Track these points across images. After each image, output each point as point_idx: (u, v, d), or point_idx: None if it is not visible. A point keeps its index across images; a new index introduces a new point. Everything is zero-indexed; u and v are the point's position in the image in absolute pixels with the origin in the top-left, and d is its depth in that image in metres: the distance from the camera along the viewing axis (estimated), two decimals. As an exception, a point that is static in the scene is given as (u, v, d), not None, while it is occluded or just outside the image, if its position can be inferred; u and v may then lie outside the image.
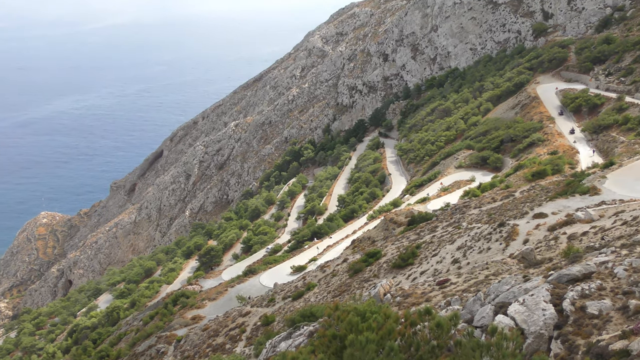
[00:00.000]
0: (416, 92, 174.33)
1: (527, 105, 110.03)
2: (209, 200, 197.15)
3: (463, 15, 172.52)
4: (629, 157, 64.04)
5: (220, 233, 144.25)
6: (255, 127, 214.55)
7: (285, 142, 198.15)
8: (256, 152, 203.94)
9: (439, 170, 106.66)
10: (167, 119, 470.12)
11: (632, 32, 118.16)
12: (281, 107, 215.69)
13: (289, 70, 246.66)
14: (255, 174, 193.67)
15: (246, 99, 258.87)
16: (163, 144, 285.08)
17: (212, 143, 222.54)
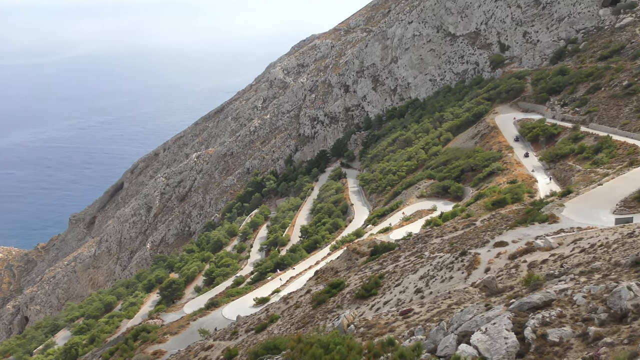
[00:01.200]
0: (377, 123, 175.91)
1: (486, 135, 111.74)
2: (171, 232, 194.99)
3: (422, 47, 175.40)
4: (585, 185, 65.29)
5: (182, 266, 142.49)
6: (217, 158, 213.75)
7: (248, 173, 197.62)
8: (218, 184, 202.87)
9: (401, 200, 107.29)
10: (128, 150, 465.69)
11: (585, 64, 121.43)
12: (243, 138, 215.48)
13: (250, 101, 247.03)
14: (218, 205, 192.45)
15: (208, 130, 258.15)
16: (123, 176, 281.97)
17: (174, 175, 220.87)
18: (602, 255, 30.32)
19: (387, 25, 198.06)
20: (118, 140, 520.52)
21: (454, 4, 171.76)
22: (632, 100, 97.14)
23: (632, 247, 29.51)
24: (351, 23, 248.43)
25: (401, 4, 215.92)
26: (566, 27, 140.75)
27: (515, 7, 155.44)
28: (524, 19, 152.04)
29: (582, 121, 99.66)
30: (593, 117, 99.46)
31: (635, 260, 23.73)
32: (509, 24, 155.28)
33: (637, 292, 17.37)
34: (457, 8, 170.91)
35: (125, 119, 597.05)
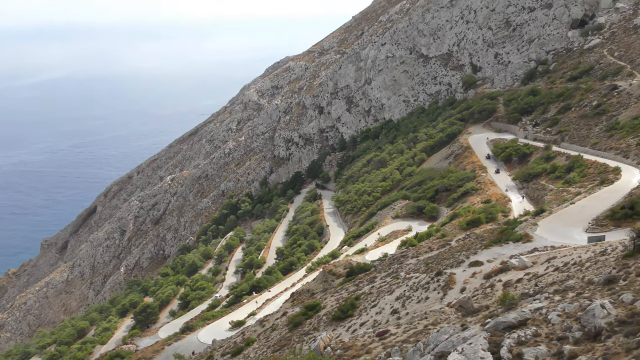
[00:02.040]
0: (352, 144, 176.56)
1: (460, 155, 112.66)
2: (145, 256, 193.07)
3: (396, 68, 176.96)
4: (558, 204, 65.94)
5: (157, 289, 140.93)
6: (192, 180, 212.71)
7: (222, 196, 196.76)
8: (193, 206, 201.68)
9: (376, 221, 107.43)
10: (101, 174, 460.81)
11: (555, 84, 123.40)
12: (218, 160, 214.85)
13: (225, 123, 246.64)
14: (192, 228, 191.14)
15: (182, 153, 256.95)
16: (97, 200, 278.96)
17: (148, 198, 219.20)
18: (575, 273, 30.59)
19: (360, 47, 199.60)
20: (90, 163, 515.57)
21: (426, 26, 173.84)
22: (601, 120, 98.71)
23: (604, 265, 29.80)
24: (325, 45, 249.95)
25: (374, 26, 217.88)
26: (536, 49, 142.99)
27: (486, 29, 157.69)
28: (495, 40, 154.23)
29: (553, 141, 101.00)
30: (564, 136, 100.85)
31: (608, 278, 23.95)
32: (480, 45, 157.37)
33: (611, 310, 17.51)
34: (429, 30, 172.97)
35: (97, 142, 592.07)
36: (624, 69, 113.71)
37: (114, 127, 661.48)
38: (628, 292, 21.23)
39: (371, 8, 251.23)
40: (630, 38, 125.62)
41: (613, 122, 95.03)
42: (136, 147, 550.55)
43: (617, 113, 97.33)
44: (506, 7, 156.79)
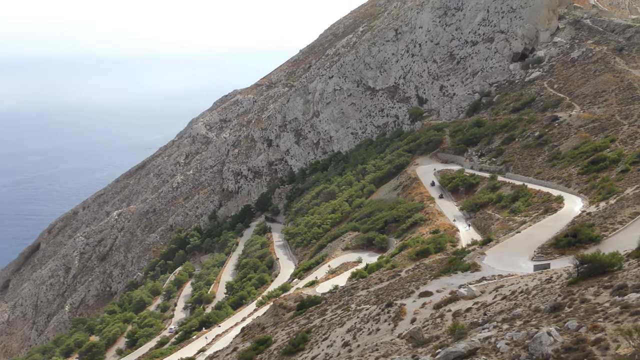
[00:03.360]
0: (301, 176, 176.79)
1: (408, 186, 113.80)
2: (91, 293, 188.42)
3: (343, 101, 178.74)
4: (504, 233, 67.01)
5: (103, 328, 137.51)
6: (139, 215, 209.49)
7: (171, 230, 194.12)
8: (140, 242, 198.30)
9: (327, 253, 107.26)
10: (44, 210, 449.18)
11: (499, 115, 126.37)
12: (166, 194, 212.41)
13: (173, 157, 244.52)
14: (140, 264, 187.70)
15: (129, 188, 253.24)
16: (40, 237, 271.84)
17: (94, 233, 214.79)
18: (522, 301, 30.97)
19: (308, 80, 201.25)
20: (32, 200, 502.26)
21: (372, 59, 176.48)
22: (544, 150, 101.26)
23: (550, 293, 30.27)
24: (273, 78, 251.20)
25: (321, 59, 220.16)
26: (480, 81, 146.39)
27: (431, 62, 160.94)
28: (440, 73, 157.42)
29: (498, 171, 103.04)
30: (509, 166, 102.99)
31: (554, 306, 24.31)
32: (426, 78, 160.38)
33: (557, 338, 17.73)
34: (375, 63, 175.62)
35: (41, 178, 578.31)
36: (563, 100, 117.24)
37: (59, 162, 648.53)
38: (573, 319, 21.59)
39: (318, 42, 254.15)
40: (568, 71, 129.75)
41: (555, 152, 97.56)
42: (82, 182, 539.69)
43: (558, 143, 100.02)
44: (450, 41, 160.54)
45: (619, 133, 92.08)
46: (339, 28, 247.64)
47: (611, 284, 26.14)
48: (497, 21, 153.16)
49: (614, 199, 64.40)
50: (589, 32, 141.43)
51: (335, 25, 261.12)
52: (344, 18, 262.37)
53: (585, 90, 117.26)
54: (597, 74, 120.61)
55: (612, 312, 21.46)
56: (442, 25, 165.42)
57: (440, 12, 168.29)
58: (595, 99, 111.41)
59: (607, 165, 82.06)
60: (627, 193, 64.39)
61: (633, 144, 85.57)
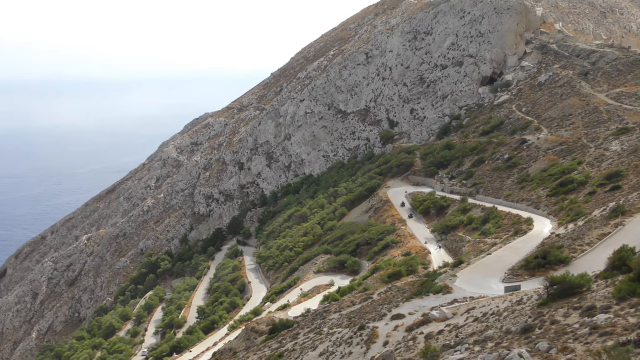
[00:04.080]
0: (273, 199, 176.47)
1: (379, 208, 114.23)
2: (59, 319, 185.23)
3: (315, 124, 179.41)
4: (475, 255, 67.43)
5: (71, 354, 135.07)
6: (109, 239, 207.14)
7: (141, 254, 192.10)
8: (110, 266, 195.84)
9: (299, 276, 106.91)
10: (12, 235, 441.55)
11: (469, 138, 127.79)
12: (136, 218, 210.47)
13: (143, 180, 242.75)
14: (110, 288, 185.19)
15: (99, 211, 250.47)
16: (7, 262, 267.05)
17: (62, 258, 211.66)
18: (494, 323, 31.16)
19: (279, 103, 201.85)
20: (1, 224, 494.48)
21: (343, 82, 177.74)
22: (513, 172, 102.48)
23: (521, 314, 30.51)
24: (244, 101, 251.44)
25: (293, 82, 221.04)
26: (450, 104, 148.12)
27: (401, 86, 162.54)
28: (411, 96, 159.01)
29: (469, 193, 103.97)
30: (479, 189, 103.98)
31: (525, 327, 24.51)
32: (396, 101, 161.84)
33: (528, 359, 17.88)
34: (346, 86, 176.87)
35: (8, 202, 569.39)
36: (531, 123, 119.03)
37: (26, 186, 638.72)
38: (543, 340, 21.79)
39: (289, 65, 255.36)
40: (535, 94, 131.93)
41: (524, 174, 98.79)
42: (50, 206, 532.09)
43: (527, 166, 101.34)
44: (420, 65, 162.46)
45: (586, 155, 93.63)
46: (310, 51, 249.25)
47: (580, 305, 26.46)
48: (466, 45, 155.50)
49: (582, 221, 65.27)
50: (555, 57, 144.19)
51: (306, 48, 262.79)
52: (315, 42, 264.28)
53: (553, 114, 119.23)
54: (563, 97, 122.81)
55: (582, 333, 21.71)
56: (412, 49, 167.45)
57: (410, 36, 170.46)
58: (562, 122, 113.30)
59: (574, 187, 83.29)
60: (595, 215, 65.32)
61: (599, 167, 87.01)
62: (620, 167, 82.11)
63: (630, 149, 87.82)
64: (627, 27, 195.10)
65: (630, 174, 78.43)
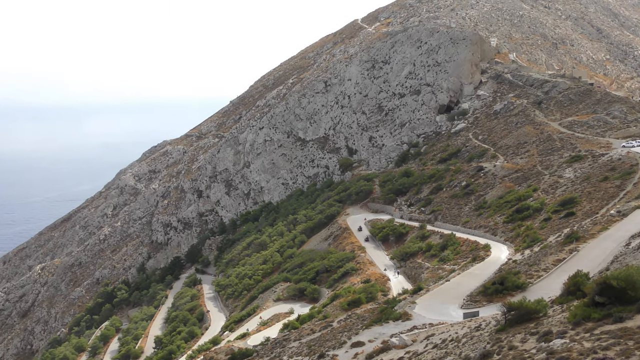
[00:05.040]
0: (232, 227, 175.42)
1: (339, 236, 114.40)
2: (10, 352, 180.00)
3: (274, 151, 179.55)
4: (434, 282, 67.91)
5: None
6: (64, 269, 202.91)
7: (97, 284, 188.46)
8: (65, 296, 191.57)
9: (258, 305, 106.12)
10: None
11: (427, 166, 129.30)
12: (92, 247, 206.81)
13: (100, 209, 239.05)
14: (64, 319, 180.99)
15: (54, 240, 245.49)
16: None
17: (15, 289, 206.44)
18: (453, 350, 31.35)
19: (238, 131, 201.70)
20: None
21: (302, 110, 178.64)
22: (470, 199, 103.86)
23: (479, 341, 30.76)
24: (203, 129, 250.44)
25: (252, 110, 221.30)
26: (408, 132, 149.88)
27: (360, 114, 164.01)
28: (369, 124, 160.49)
29: (427, 220, 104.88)
30: (437, 215, 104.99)
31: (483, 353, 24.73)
32: (355, 129, 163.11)
33: (487, 385, 18.01)
34: (305, 114, 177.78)
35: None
36: (488, 151, 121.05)
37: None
38: (502, 366, 21.99)
39: (248, 93, 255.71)
40: (491, 123, 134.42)
41: (481, 201, 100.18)
42: (2, 235, 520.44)
43: (484, 193, 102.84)
44: (378, 93, 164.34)
45: (541, 183, 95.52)
46: (269, 80, 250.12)
47: (537, 330, 26.81)
48: (423, 74, 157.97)
49: (538, 247, 66.30)
50: (509, 86, 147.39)
51: (265, 77, 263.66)
52: (274, 70, 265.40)
53: (508, 142, 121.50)
54: (518, 126, 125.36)
55: (539, 358, 21.99)
56: (370, 77, 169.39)
57: (368, 65, 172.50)
58: (517, 150, 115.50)
59: (530, 214, 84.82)
60: (550, 241, 66.44)
61: (554, 194, 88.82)
62: (574, 194, 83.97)
63: (583, 177, 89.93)
64: (578, 58, 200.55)
65: (583, 201, 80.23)
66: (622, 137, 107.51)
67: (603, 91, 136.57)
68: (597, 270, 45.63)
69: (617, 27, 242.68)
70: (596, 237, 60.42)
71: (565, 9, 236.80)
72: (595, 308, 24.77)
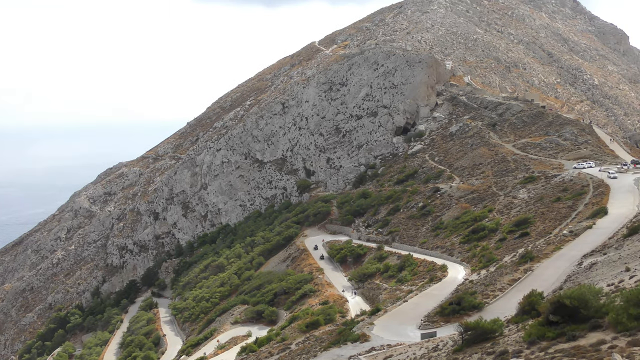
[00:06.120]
0: (189, 250, 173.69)
1: (297, 257, 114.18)
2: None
3: (231, 173, 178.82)
4: (392, 303, 68.08)
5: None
6: (15, 294, 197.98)
7: (50, 309, 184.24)
8: (15, 322, 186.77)
9: (215, 328, 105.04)
10: None
11: (384, 187, 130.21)
12: (45, 271, 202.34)
13: (53, 232, 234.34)
14: (14, 346, 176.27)
15: (4, 265, 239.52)
16: None
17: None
18: (411, 370, 31.44)
19: (195, 152, 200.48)
20: None
21: (260, 132, 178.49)
22: (427, 220, 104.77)
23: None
24: (160, 151, 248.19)
25: (209, 132, 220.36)
26: (365, 154, 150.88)
27: (318, 135, 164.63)
28: (327, 146, 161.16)
29: (385, 241, 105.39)
30: (395, 236, 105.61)
31: (441, 374, 24.83)
32: (313, 150, 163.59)
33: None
34: (263, 136, 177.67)
35: None
36: (444, 172, 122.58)
37: None
38: (459, 386, 22.12)
39: (206, 115, 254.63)
40: (447, 144, 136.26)
41: (438, 222, 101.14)
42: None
43: (440, 213, 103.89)
44: (335, 115, 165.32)
45: (496, 203, 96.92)
46: (227, 101, 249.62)
47: (493, 350, 27.07)
48: (380, 96, 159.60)
49: (494, 267, 67.10)
50: (465, 108, 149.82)
51: (222, 98, 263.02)
52: (231, 91, 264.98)
53: (464, 163, 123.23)
54: (474, 147, 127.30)
55: (495, 377, 22.16)
56: (327, 99, 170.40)
57: (325, 87, 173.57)
58: (473, 171, 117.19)
59: (486, 234, 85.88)
60: (505, 261, 67.30)
61: (509, 214, 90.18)
62: (528, 214, 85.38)
63: (537, 197, 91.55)
64: (530, 81, 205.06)
65: (537, 221, 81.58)
66: (574, 159, 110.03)
67: (555, 114, 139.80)
68: (551, 290, 46.33)
69: (567, 51, 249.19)
70: (550, 257, 61.43)
71: (517, 34, 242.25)
72: (550, 327, 25.12)
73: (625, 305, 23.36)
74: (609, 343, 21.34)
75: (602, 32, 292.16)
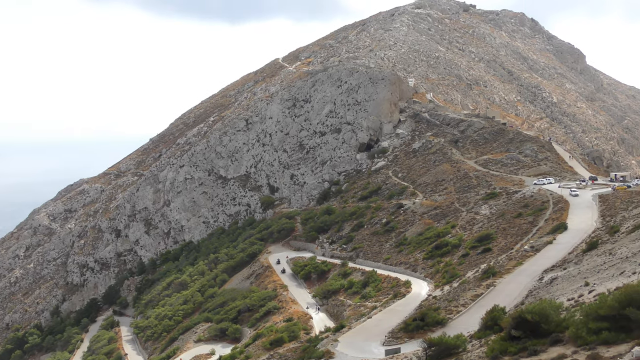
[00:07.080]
0: (151, 267, 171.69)
1: (261, 274, 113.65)
2: None
3: (195, 190, 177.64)
4: (356, 319, 68.14)
5: None
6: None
7: (7, 329, 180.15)
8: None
9: (178, 346, 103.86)
10: None
11: (348, 203, 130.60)
12: (2, 290, 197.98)
13: (11, 250, 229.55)
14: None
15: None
16: None
17: None
18: (376, 387, 31.48)
19: (158, 169, 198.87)
20: None
21: (224, 148, 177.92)
22: (391, 236, 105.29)
23: (402, 377, 31.03)
24: (122, 167, 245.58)
25: (172, 148, 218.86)
26: (329, 170, 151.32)
27: (282, 152, 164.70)
28: (291, 162, 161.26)
29: (349, 257, 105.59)
30: (359, 253, 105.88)
31: (406, 390, 24.93)
32: (277, 167, 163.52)
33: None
34: (227, 152, 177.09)
35: None
36: (407, 188, 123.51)
37: None
38: (424, 402, 22.21)
39: (169, 131, 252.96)
40: (410, 161, 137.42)
41: (401, 238, 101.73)
42: None
43: (404, 230, 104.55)
44: (299, 132, 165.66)
45: (459, 219, 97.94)
46: (190, 117, 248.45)
47: (457, 365, 27.24)
48: (343, 113, 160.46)
49: (457, 283, 67.66)
50: (427, 125, 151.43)
51: (186, 114, 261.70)
52: (194, 108, 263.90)
53: (427, 179, 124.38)
54: (436, 163, 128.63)
55: (459, 393, 22.31)
56: (291, 116, 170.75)
57: (289, 103, 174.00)
58: (436, 187, 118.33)
59: (449, 250, 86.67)
60: (468, 276, 67.95)
61: (472, 230, 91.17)
62: (490, 230, 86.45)
63: (498, 213, 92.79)
64: (491, 98, 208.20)
65: (499, 237, 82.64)
66: (534, 175, 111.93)
67: (515, 131, 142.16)
68: (513, 305, 46.90)
69: (527, 69, 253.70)
70: (511, 272, 62.21)
71: (478, 52, 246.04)
72: (512, 342, 25.41)
73: (584, 320, 23.77)
74: (569, 357, 21.68)
75: (560, 51, 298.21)
